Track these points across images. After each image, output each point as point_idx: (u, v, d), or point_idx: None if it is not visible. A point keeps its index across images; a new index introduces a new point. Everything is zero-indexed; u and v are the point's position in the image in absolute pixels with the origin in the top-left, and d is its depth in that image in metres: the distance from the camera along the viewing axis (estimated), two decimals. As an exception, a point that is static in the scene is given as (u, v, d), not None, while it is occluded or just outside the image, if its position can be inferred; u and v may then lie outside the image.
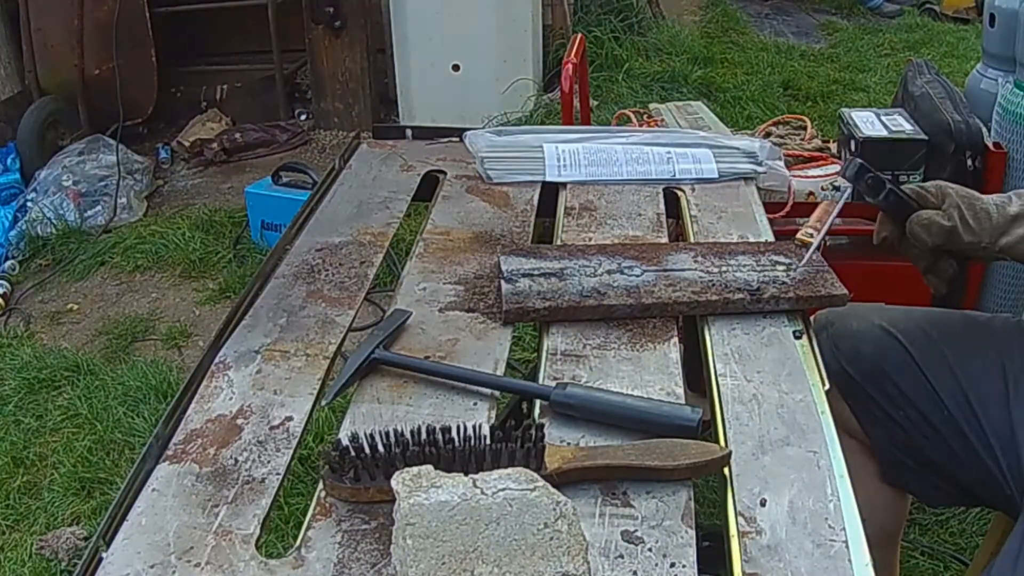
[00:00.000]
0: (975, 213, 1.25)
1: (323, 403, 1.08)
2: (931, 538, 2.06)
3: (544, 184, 1.57)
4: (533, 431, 0.91)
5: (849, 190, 1.30)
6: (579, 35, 2.53)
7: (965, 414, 1.30)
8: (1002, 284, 2.21)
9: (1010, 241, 1.25)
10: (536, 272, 1.25)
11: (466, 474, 0.84)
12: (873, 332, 1.38)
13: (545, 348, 1.15)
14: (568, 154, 1.59)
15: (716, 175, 1.57)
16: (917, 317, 1.39)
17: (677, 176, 1.57)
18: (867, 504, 0.93)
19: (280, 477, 0.96)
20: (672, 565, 0.85)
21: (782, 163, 1.64)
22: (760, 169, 1.59)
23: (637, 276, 1.24)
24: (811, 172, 2.19)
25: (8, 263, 3.53)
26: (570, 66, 2.30)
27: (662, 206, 1.51)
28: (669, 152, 1.60)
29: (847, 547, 0.87)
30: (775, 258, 1.28)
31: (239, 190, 3.83)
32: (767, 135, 2.40)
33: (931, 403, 1.33)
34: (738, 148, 1.63)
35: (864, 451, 1.40)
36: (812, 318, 1.21)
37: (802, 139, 2.38)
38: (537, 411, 1.04)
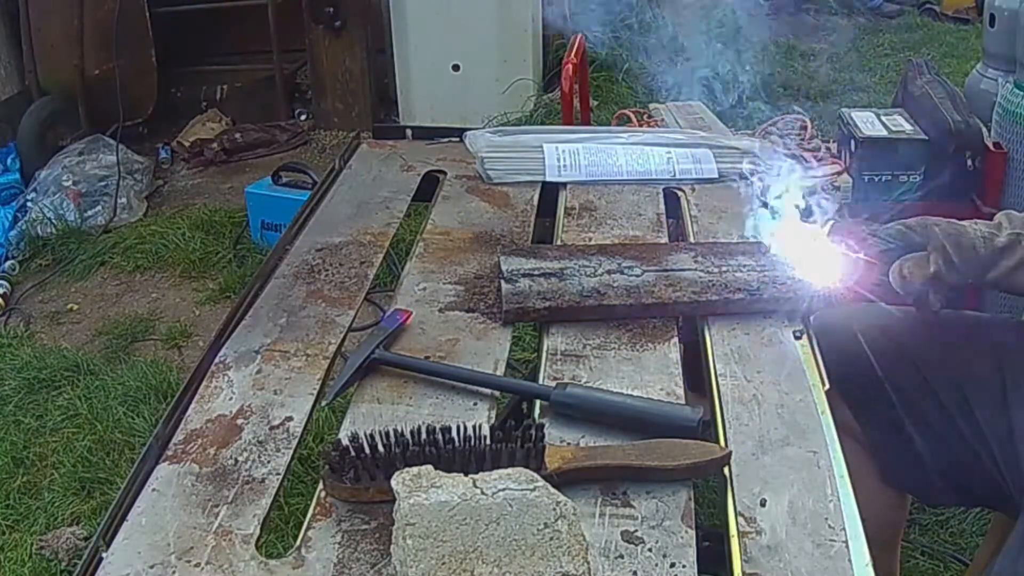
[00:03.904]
0: (961, 251, 1.22)
1: (323, 403, 1.08)
2: (931, 538, 2.06)
3: (544, 184, 1.57)
4: (533, 431, 0.91)
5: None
6: (579, 35, 2.53)
7: (963, 415, 1.30)
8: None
9: (997, 275, 1.22)
10: (536, 272, 1.25)
11: (466, 474, 0.84)
12: (872, 333, 1.38)
13: (545, 348, 1.15)
14: (568, 154, 1.59)
15: (716, 175, 1.57)
16: (916, 318, 1.39)
17: (677, 176, 1.57)
18: (867, 504, 0.93)
19: (280, 477, 0.96)
20: (672, 565, 0.85)
21: (781, 163, 1.64)
22: (760, 169, 1.58)
23: (637, 276, 1.24)
24: (811, 172, 2.19)
25: (8, 263, 3.53)
26: (570, 66, 2.30)
27: (662, 206, 1.51)
28: (669, 152, 1.60)
29: (847, 547, 0.87)
30: (775, 257, 1.28)
31: (239, 190, 3.83)
32: (767, 135, 2.40)
33: (929, 404, 1.33)
34: (738, 148, 1.63)
35: (864, 451, 1.40)
36: (813, 317, 1.21)
37: (802, 139, 2.38)
38: (537, 411, 1.04)
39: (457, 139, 1.74)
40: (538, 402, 1.05)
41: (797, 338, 1.16)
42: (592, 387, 1.06)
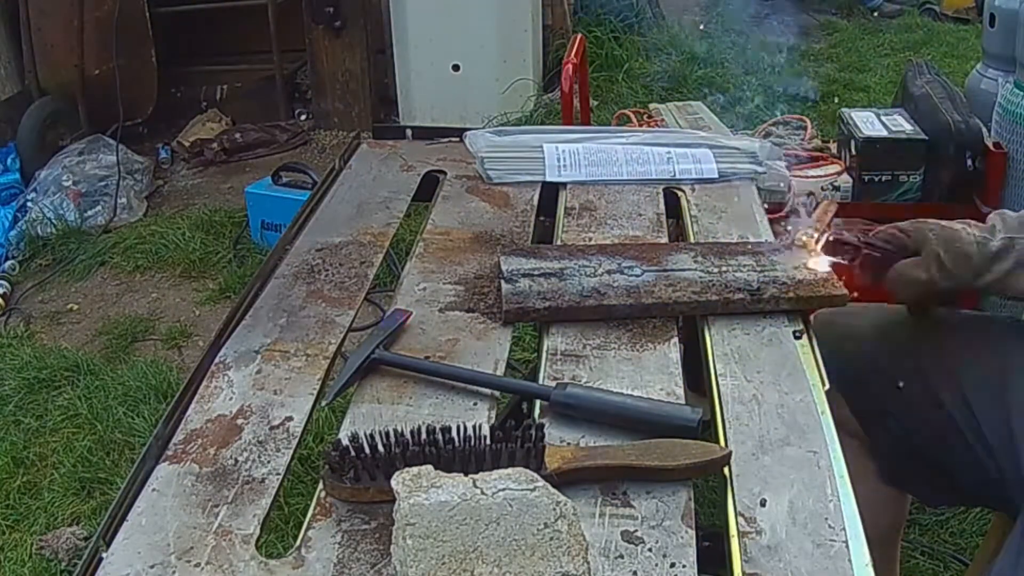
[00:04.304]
0: (954, 256, 1.22)
1: (323, 403, 1.08)
2: (931, 538, 2.06)
3: (544, 184, 1.57)
4: (533, 431, 0.91)
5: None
6: (579, 35, 2.53)
7: (963, 415, 1.30)
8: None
9: (990, 279, 1.23)
10: (536, 272, 1.25)
11: (466, 474, 0.84)
12: (874, 332, 1.39)
13: (545, 348, 1.15)
14: (568, 154, 1.59)
15: (716, 175, 1.57)
16: (918, 318, 1.39)
17: (677, 176, 1.57)
18: (867, 504, 0.93)
19: (280, 477, 0.96)
20: (672, 565, 0.85)
21: (783, 163, 1.64)
22: (760, 169, 1.58)
23: (637, 276, 1.24)
24: (811, 172, 2.19)
25: (8, 263, 3.53)
26: (570, 66, 2.30)
27: (662, 206, 1.51)
28: (669, 152, 1.60)
29: (847, 547, 0.87)
30: (775, 258, 1.28)
31: (239, 190, 3.83)
32: (767, 135, 2.40)
33: (928, 403, 1.33)
34: (738, 148, 1.63)
35: (864, 451, 1.40)
36: (813, 317, 1.21)
37: (802, 139, 2.38)
38: (537, 411, 1.04)
39: (457, 139, 1.74)
40: (538, 402, 1.05)
41: (797, 338, 1.16)
42: (592, 387, 1.06)
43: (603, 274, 1.24)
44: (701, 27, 5.23)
